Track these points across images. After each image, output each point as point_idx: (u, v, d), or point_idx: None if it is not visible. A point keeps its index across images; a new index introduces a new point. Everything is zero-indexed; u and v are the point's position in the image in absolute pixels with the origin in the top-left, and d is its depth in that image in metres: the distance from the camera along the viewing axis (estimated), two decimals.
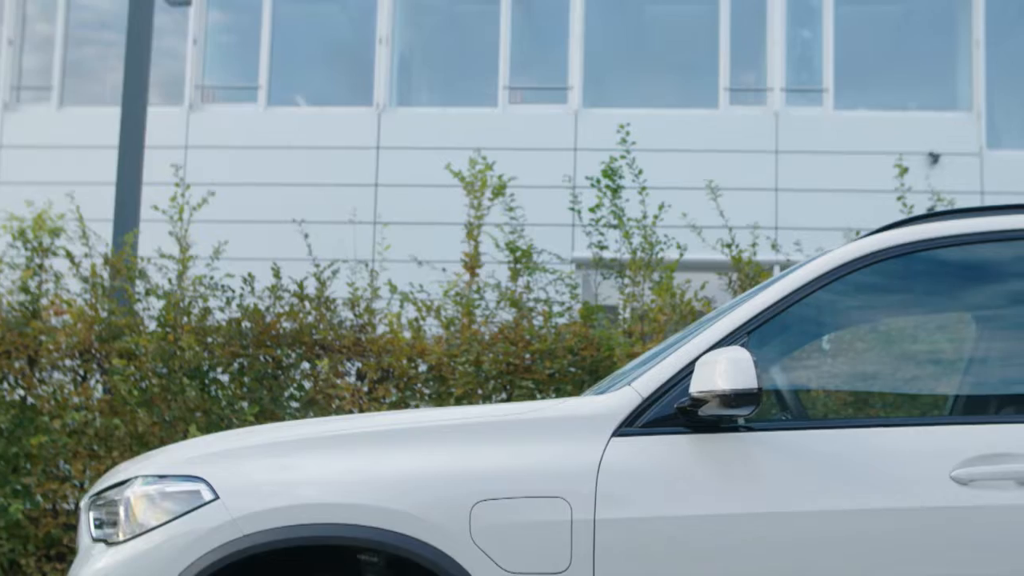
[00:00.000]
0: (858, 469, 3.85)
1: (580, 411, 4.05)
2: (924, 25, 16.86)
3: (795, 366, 4.87)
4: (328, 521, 3.85)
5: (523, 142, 15.59)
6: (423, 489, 3.87)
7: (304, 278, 9.27)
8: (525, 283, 9.16)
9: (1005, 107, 16.61)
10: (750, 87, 16.43)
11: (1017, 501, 3.75)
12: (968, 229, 4.16)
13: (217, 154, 16.08)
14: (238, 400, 8.87)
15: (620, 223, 9.26)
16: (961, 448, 3.83)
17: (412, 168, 15.56)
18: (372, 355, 8.94)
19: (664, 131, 15.62)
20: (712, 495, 3.83)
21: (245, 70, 16.96)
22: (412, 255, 9.89)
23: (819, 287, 4.10)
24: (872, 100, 16.45)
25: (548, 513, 3.81)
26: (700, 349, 3.98)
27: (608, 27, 16.82)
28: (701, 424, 3.89)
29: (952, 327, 5.26)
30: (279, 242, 10.18)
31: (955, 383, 5.16)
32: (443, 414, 4.33)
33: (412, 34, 17.18)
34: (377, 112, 16.23)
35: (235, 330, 8.98)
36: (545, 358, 8.61)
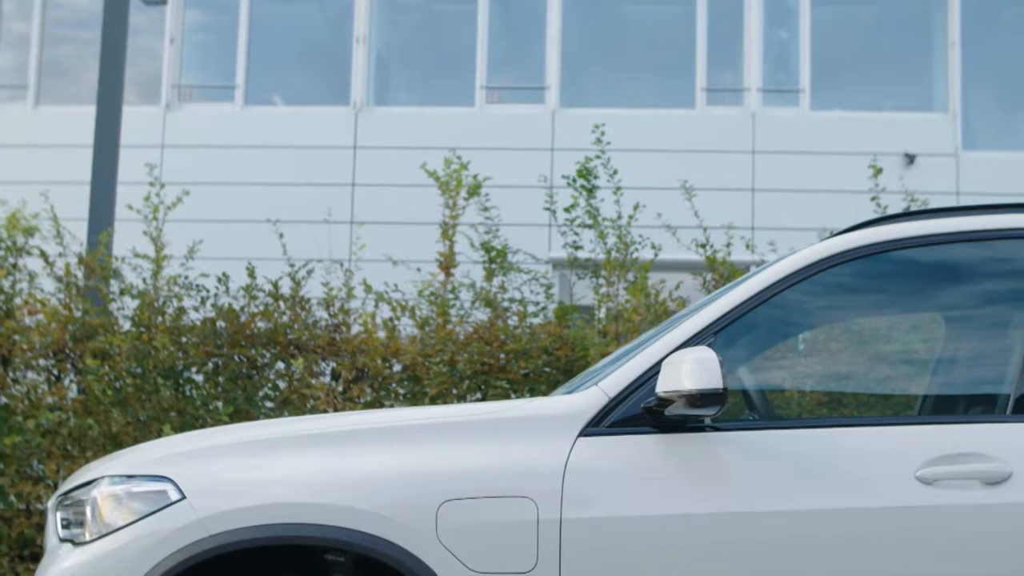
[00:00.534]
0: (823, 469, 3.86)
1: (547, 411, 4.05)
2: (900, 26, 16.91)
3: (762, 366, 4.88)
4: (294, 521, 3.85)
5: (500, 142, 15.60)
6: (390, 489, 3.87)
7: (279, 278, 9.26)
8: (500, 283, 9.16)
9: (981, 108, 16.67)
10: (727, 87, 16.45)
11: (981, 501, 3.77)
12: (935, 230, 4.18)
13: (194, 153, 16.04)
14: (212, 400, 8.85)
15: (595, 223, 9.26)
16: (927, 448, 3.84)
17: (389, 168, 15.55)
18: (346, 355, 8.94)
19: (641, 131, 15.64)
20: (678, 495, 3.84)
21: (222, 69, 16.93)
22: (387, 255, 9.88)
23: (786, 287, 4.11)
24: (848, 101, 16.50)
25: (514, 513, 3.82)
26: (667, 349, 3.99)
27: (585, 27, 16.83)
28: (667, 424, 3.89)
29: (920, 327, 5.28)
30: (255, 242, 10.18)
31: (922, 383, 5.18)
32: (411, 414, 4.33)
33: (389, 33, 17.17)
34: (354, 111, 16.21)
35: (209, 330, 8.97)
36: (520, 358, 8.62)
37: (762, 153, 15.69)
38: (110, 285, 9.36)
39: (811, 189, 14.94)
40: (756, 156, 15.68)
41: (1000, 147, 16.26)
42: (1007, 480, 3.77)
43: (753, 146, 15.71)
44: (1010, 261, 4.28)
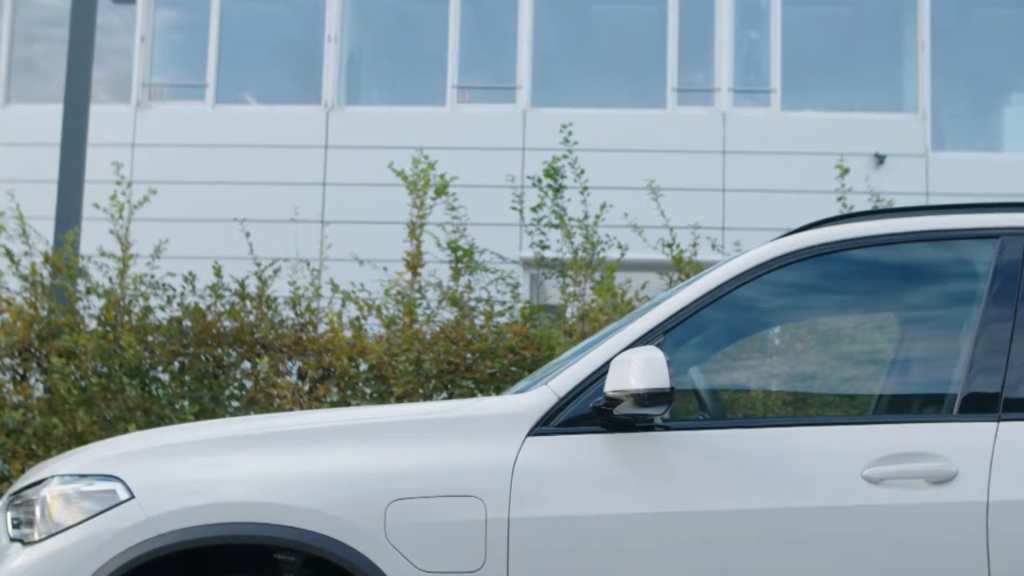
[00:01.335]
0: (771, 469, 3.88)
1: (496, 410, 4.07)
2: (870, 27, 16.96)
3: (713, 366, 4.90)
4: (244, 520, 3.86)
5: (471, 141, 15.60)
6: (339, 488, 3.87)
7: (245, 277, 9.26)
8: (466, 282, 9.17)
9: (950, 109, 16.74)
10: (698, 87, 16.48)
11: (927, 500, 3.79)
12: (885, 230, 4.21)
13: (165, 152, 16.00)
14: (178, 399, 8.84)
15: (561, 223, 9.28)
16: (874, 447, 3.86)
17: (360, 167, 15.53)
18: (313, 354, 8.94)
19: (612, 131, 15.66)
20: (626, 494, 3.85)
21: (193, 68, 16.89)
22: (353, 254, 9.88)
23: (735, 287, 4.13)
24: (819, 101, 16.54)
25: (462, 512, 3.83)
26: (616, 349, 4.00)
27: (557, 27, 16.85)
28: (616, 423, 3.91)
29: (871, 327, 5.30)
30: (225, 241, 10.17)
31: (874, 383, 5.20)
32: (361, 413, 4.34)
33: (361, 33, 17.15)
34: (325, 111, 16.19)
35: (176, 329, 8.96)
36: (486, 357, 8.62)
37: (733, 153, 15.72)
38: (76, 284, 9.34)
39: (782, 189, 14.98)
40: (727, 156, 15.71)
41: (969, 148, 16.33)
42: (953, 480, 3.80)
43: (724, 146, 15.74)
44: (959, 262, 4.31)
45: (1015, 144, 15.41)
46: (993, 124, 17.21)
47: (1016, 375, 3.93)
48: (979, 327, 4.02)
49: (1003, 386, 3.93)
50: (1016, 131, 16.70)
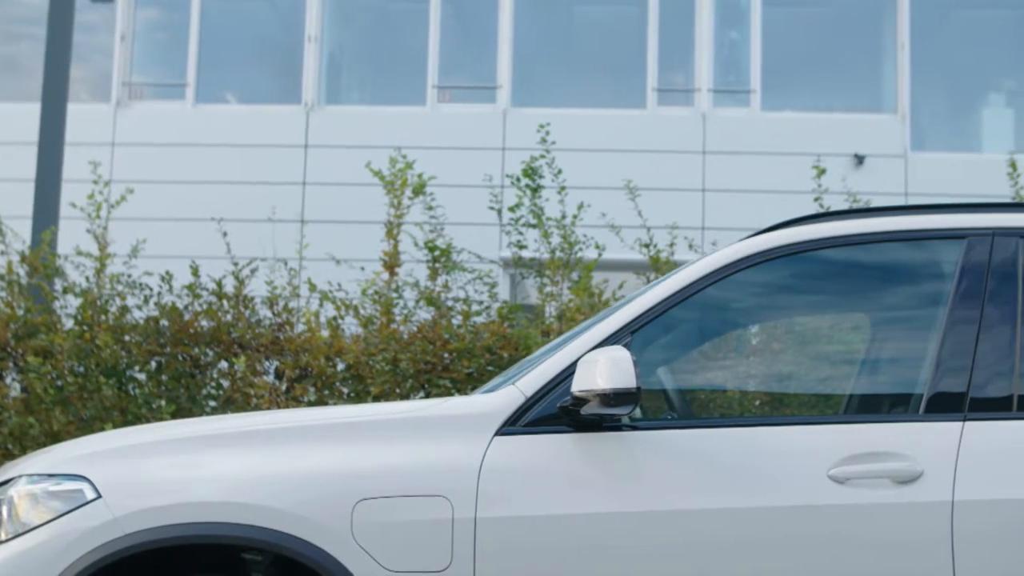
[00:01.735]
0: (738, 468, 3.89)
1: (464, 410, 4.07)
2: (850, 28, 17.00)
3: (680, 365, 4.90)
4: (211, 520, 3.85)
5: (452, 141, 15.60)
6: (306, 488, 3.87)
7: (223, 276, 9.25)
8: (443, 282, 9.17)
9: (929, 109, 16.79)
10: (678, 88, 16.50)
11: (892, 499, 3.80)
12: (852, 230, 4.22)
13: (145, 151, 15.97)
14: (155, 399, 8.83)
15: (539, 222, 9.28)
16: (840, 447, 3.87)
17: (340, 166, 15.51)
18: (290, 354, 8.93)
19: (593, 131, 15.68)
20: (593, 494, 3.85)
21: (173, 67, 16.86)
22: (329, 253, 9.88)
23: (703, 287, 4.13)
24: (799, 102, 16.58)
25: (429, 512, 3.83)
26: (583, 348, 4.00)
27: (537, 27, 16.86)
28: (584, 423, 3.91)
29: (837, 327, 5.32)
30: (205, 240, 10.16)
31: (839, 383, 5.21)
32: (329, 413, 4.34)
33: (341, 32, 17.13)
34: (305, 110, 16.18)
35: (152, 328, 8.95)
36: (463, 357, 8.62)
37: (713, 153, 15.74)
38: (53, 283, 9.33)
39: (761, 190, 15.01)
40: (707, 156, 15.74)
41: (948, 148, 16.38)
42: (918, 479, 3.81)
43: (704, 146, 15.76)
44: (927, 262, 4.33)
45: (994, 144, 15.44)
46: (972, 125, 17.26)
47: (982, 375, 3.95)
48: (946, 327, 4.03)
49: (969, 386, 3.94)
50: (995, 132, 16.75)
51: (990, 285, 4.05)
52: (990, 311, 4.02)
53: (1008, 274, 4.06)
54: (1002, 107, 17.16)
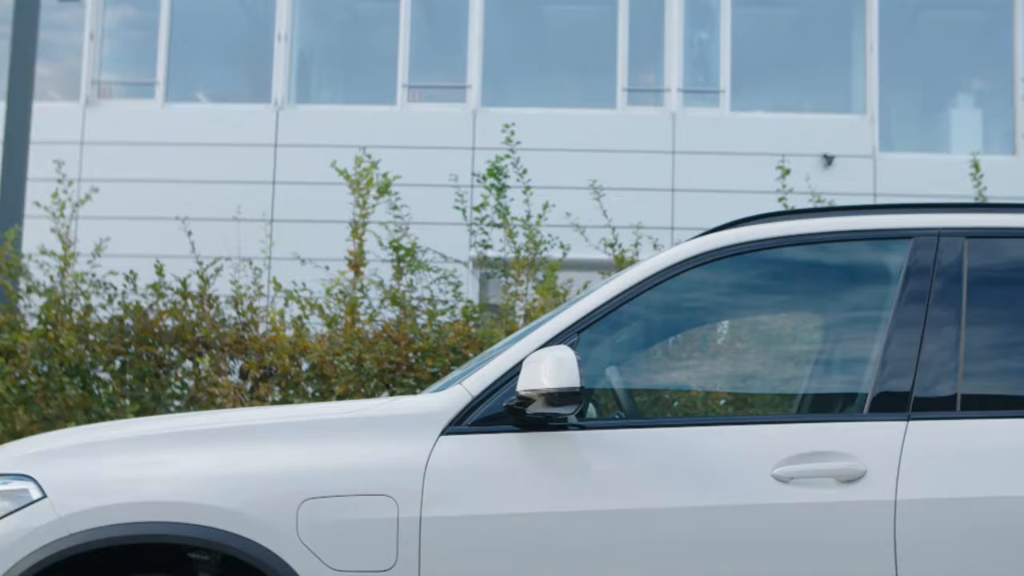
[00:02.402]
0: (684, 467, 3.90)
1: (410, 409, 4.07)
2: (819, 28, 17.05)
3: (628, 365, 4.91)
4: (157, 519, 3.84)
5: (422, 141, 15.60)
6: (252, 487, 3.87)
7: (187, 276, 9.24)
8: (408, 282, 9.17)
9: (898, 110, 16.85)
10: (648, 87, 16.52)
11: (836, 499, 3.82)
12: (798, 230, 4.23)
13: (114, 150, 15.92)
14: (119, 398, 8.82)
15: (504, 222, 9.29)
16: (784, 446, 3.89)
17: (310, 165, 15.49)
18: (254, 353, 8.92)
19: (563, 131, 15.69)
20: (538, 493, 3.86)
21: (143, 66, 16.80)
22: (295, 252, 9.87)
23: (650, 287, 4.14)
24: (768, 102, 16.61)
25: (375, 511, 3.83)
26: (529, 348, 4.01)
27: (507, 27, 16.85)
28: (530, 423, 3.92)
29: (784, 327, 5.33)
30: (173, 239, 10.13)
31: (785, 383, 5.23)
32: (277, 412, 4.33)
33: (311, 31, 17.11)
34: (275, 109, 16.15)
35: (117, 328, 8.94)
36: (428, 356, 8.63)
37: (682, 153, 15.77)
38: (17, 283, 9.30)
39: (730, 190, 15.04)
40: (676, 156, 15.76)
41: (917, 149, 16.43)
42: (861, 478, 3.83)
43: (673, 146, 15.79)
44: (873, 262, 4.35)
45: (962, 145, 15.50)
46: (940, 125, 17.33)
47: (926, 375, 3.97)
48: (891, 327, 4.05)
49: (913, 386, 3.96)
50: (963, 132, 16.82)
51: (935, 285, 4.08)
52: (935, 311, 4.04)
53: (953, 274, 4.09)
54: (970, 108, 17.23)
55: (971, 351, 4.01)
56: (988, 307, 4.12)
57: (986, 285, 4.12)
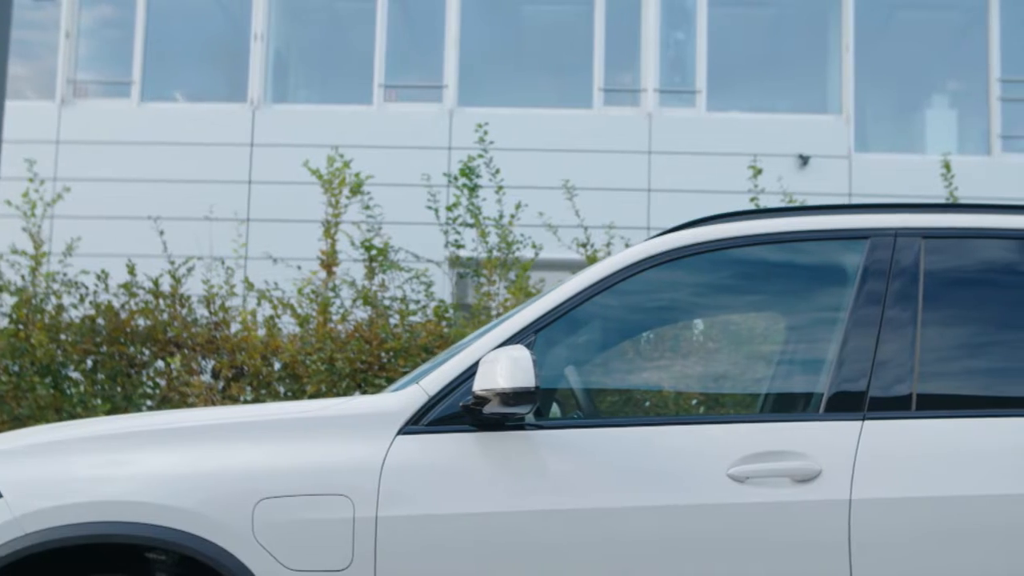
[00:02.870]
0: (640, 467, 3.91)
1: (367, 409, 4.07)
2: (795, 29, 17.08)
3: (585, 365, 4.92)
4: (114, 519, 3.84)
5: (398, 140, 15.59)
6: (208, 487, 3.87)
7: (159, 275, 9.23)
8: (380, 281, 9.18)
9: (873, 111, 16.88)
10: (624, 88, 16.53)
11: (791, 498, 3.83)
12: (756, 231, 4.25)
13: (90, 149, 15.87)
14: (91, 398, 8.81)
15: (476, 222, 9.31)
16: (740, 446, 3.90)
17: (286, 165, 15.46)
18: (226, 353, 8.92)
19: (539, 131, 15.70)
20: (493, 493, 3.86)
21: (119, 65, 16.75)
22: (267, 252, 9.86)
23: (607, 287, 4.16)
24: (744, 102, 16.62)
25: (330, 511, 3.83)
26: (486, 348, 4.02)
27: (484, 26, 16.85)
28: (486, 422, 3.92)
29: (742, 327, 5.35)
30: (150, 238, 10.10)
31: (742, 382, 5.25)
32: (235, 412, 4.33)
33: (288, 31, 17.07)
34: (251, 108, 16.12)
35: (88, 327, 8.93)
36: (400, 356, 8.63)
37: (658, 153, 15.78)
38: None
39: (706, 190, 15.05)
40: (652, 156, 15.77)
41: (892, 149, 16.47)
42: (816, 478, 3.84)
43: (649, 146, 15.80)
44: (830, 262, 4.36)
45: (937, 146, 15.53)
46: (915, 126, 17.37)
47: (882, 375, 3.98)
48: (847, 327, 4.06)
49: (869, 385, 3.98)
50: (938, 133, 16.86)
51: (891, 285, 4.09)
52: (891, 311, 4.06)
53: (910, 274, 4.10)
54: (945, 109, 17.28)
55: (927, 351, 4.03)
56: (944, 307, 4.14)
57: (942, 285, 4.14)
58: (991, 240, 4.20)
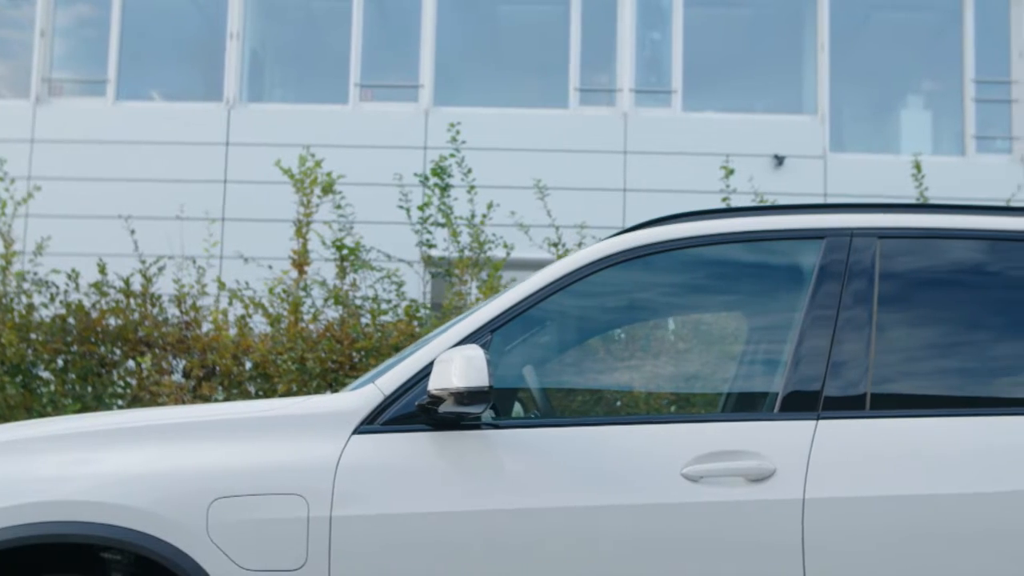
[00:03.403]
0: (594, 466, 3.91)
1: (322, 409, 4.07)
2: (771, 29, 17.11)
3: (542, 364, 4.92)
4: (68, 519, 3.83)
5: (374, 140, 15.57)
6: (162, 486, 3.86)
7: (131, 275, 9.22)
8: (352, 281, 9.18)
9: (849, 111, 16.92)
10: (600, 87, 16.53)
11: (745, 497, 3.84)
12: (712, 230, 4.26)
13: (65, 148, 15.83)
14: (61, 398, 8.79)
15: (448, 221, 9.31)
16: (695, 445, 3.91)
17: (262, 164, 15.43)
18: (197, 352, 8.91)
19: (514, 130, 15.69)
20: (448, 493, 3.87)
21: (94, 63, 16.70)
22: (238, 251, 9.86)
23: (564, 286, 4.16)
24: (720, 102, 16.64)
25: (285, 510, 3.83)
26: (442, 347, 4.03)
27: (460, 26, 16.84)
28: (442, 422, 3.93)
29: (698, 327, 5.37)
30: (123, 238, 10.08)
31: (698, 382, 5.26)
32: (193, 411, 4.32)
33: (263, 30, 17.04)
34: (227, 108, 16.08)
35: (59, 327, 8.91)
36: (371, 356, 8.63)
37: (634, 153, 15.79)
38: None
39: (682, 189, 15.06)
40: (628, 156, 15.78)
41: (867, 149, 16.50)
42: (770, 477, 3.85)
43: (625, 146, 15.81)
44: (786, 262, 4.37)
45: (912, 146, 15.55)
46: (890, 126, 17.41)
47: (837, 374, 4.00)
48: (803, 327, 4.08)
49: (823, 385, 3.99)
50: (913, 133, 16.91)
51: (847, 285, 4.11)
52: (846, 311, 4.07)
53: (865, 274, 4.12)
54: (920, 109, 17.33)
55: (882, 351, 4.04)
56: (899, 307, 4.16)
57: (898, 285, 4.16)
58: (947, 240, 4.22)
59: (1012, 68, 16.33)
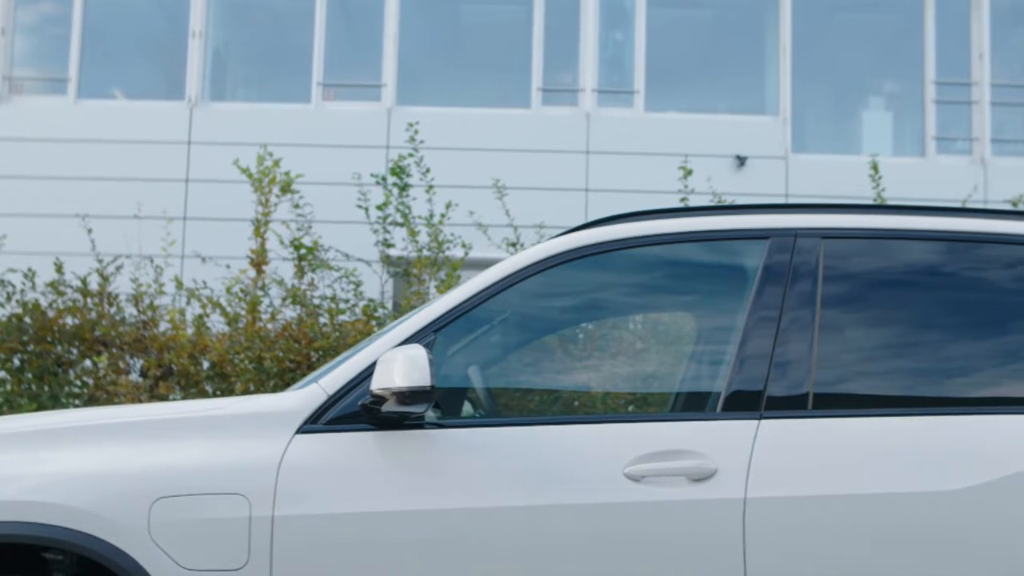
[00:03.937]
0: (536, 466, 3.92)
1: (265, 408, 4.07)
2: (733, 30, 17.15)
3: (486, 364, 4.92)
4: (9, 519, 3.82)
5: (336, 139, 15.54)
6: (103, 486, 3.85)
7: (88, 274, 9.19)
8: (310, 280, 9.18)
9: (810, 112, 16.98)
10: (563, 88, 16.54)
11: (686, 497, 3.85)
12: (657, 231, 4.27)
13: (25, 147, 15.74)
14: (17, 397, 8.76)
15: (406, 221, 9.32)
16: (637, 445, 3.92)
17: (224, 163, 15.39)
18: (154, 352, 8.89)
19: (477, 130, 15.69)
20: (390, 492, 3.87)
21: (55, 62, 16.62)
22: (196, 251, 9.84)
23: (508, 286, 4.17)
24: (682, 103, 16.68)
25: (227, 510, 3.83)
26: (385, 347, 4.03)
27: (423, 26, 16.84)
28: (385, 421, 3.93)
29: (642, 327, 5.38)
30: (80, 237, 10.05)
31: (641, 382, 5.27)
32: (137, 410, 4.31)
33: (226, 28, 16.98)
34: (189, 106, 16.03)
35: (15, 326, 8.88)
36: (329, 355, 8.63)
37: (596, 153, 15.81)
38: None
39: (644, 190, 15.08)
40: (590, 156, 15.80)
41: (828, 150, 16.56)
42: (712, 477, 3.86)
43: (587, 146, 15.83)
44: (730, 262, 4.39)
45: (873, 147, 15.61)
46: (852, 127, 17.49)
47: (779, 374, 4.01)
48: (746, 327, 4.09)
49: (766, 384, 4.00)
50: (874, 134, 16.98)
51: (790, 285, 4.12)
52: (789, 311, 4.09)
53: (808, 274, 4.14)
54: (881, 110, 17.41)
55: (824, 351, 4.06)
56: (842, 307, 4.18)
57: (841, 285, 4.18)
58: (891, 241, 4.24)
59: (972, 70, 16.43)
